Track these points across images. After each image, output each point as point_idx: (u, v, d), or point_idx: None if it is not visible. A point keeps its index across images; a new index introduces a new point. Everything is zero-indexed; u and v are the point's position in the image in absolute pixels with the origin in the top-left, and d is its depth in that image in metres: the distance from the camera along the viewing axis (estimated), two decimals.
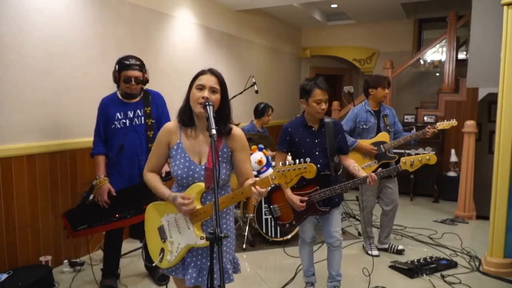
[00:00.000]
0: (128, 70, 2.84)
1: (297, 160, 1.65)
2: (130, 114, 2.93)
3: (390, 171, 2.63)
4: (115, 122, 2.91)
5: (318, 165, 2.64)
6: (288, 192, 2.64)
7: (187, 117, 1.83)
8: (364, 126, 3.64)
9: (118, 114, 2.92)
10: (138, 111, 2.94)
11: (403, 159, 2.51)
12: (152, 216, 1.97)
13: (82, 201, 2.97)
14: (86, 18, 3.61)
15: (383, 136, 3.60)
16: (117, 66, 2.87)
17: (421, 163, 2.48)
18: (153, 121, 2.97)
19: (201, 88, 1.76)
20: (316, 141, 2.69)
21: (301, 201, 2.61)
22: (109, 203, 2.87)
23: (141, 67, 2.90)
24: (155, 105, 3.00)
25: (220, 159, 1.81)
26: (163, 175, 2.95)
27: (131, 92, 2.91)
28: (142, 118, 2.95)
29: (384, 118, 3.65)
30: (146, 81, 2.97)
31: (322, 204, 2.66)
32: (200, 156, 1.83)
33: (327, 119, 2.73)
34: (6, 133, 3.04)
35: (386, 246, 3.84)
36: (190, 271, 1.83)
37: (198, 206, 1.77)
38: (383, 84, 3.61)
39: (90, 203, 2.94)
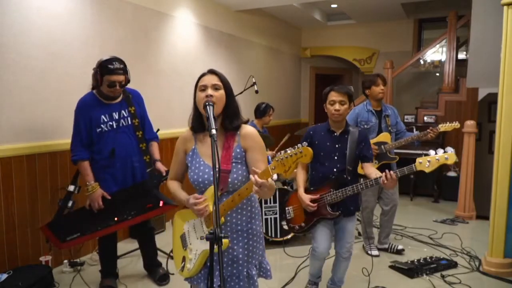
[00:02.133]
0: (112, 75, 2.71)
1: (296, 147, 1.62)
2: (116, 116, 2.85)
3: (404, 172, 2.40)
4: (101, 125, 2.80)
5: (335, 169, 2.63)
6: (300, 190, 2.65)
7: (197, 123, 1.83)
8: (365, 126, 3.64)
9: (103, 116, 2.80)
10: (123, 111, 2.87)
11: (419, 159, 2.28)
12: (177, 225, 1.97)
13: (61, 209, 2.89)
14: (86, 18, 3.61)
15: (384, 137, 3.60)
16: (99, 70, 2.72)
17: (438, 163, 2.23)
18: (139, 120, 2.92)
19: (204, 89, 1.75)
20: (337, 146, 2.67)
21: (313, 201, 2.59)
22: (103, 208, 2.80)
23: (124, 70, 2.79)
24: (137, 104, 2.95)
25: (233, 160, 1.79)
26: (164, 174, 2.94)
27: (113, 96, 2.83)
28: (128, 118, 2.88)
29: (386, 118, 3.65)
30: (128, 82, 2.87)
31: (332, 207, 2.61)
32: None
33: (352, 129, 2.71)
34: (6, 133, 3.04)
35: (386, 246, 3.85)
36: (215, 279, 1.78)
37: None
38: (375, 81, 3.62)
39: (77, 210, 2.88)
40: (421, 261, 3.45)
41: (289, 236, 3.96)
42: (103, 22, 3.78)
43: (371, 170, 2.66)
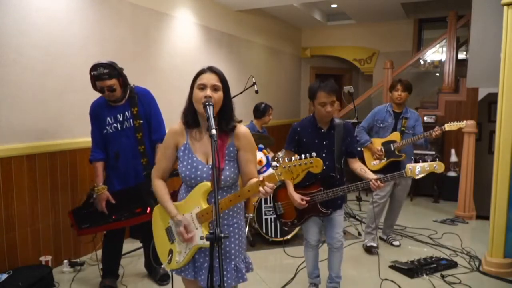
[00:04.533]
0: (98, 80, 2.73)
1: (303, 155, 1.63)
2: (120, 118, 2.86)
3: (395, 177, 2.60)
4: (107, 127, 2.86)
5: (323, 167, 2.62)
6: (291, 189, 2.63)
7: (191, 118, 1.82)
8: (381, 125, 3.84)
9: (108, 118, 2.86)
10: (127, 113, 2.87)
11: (409, 166, 2.46)
12: (160, 217, 1.96)
13: (87, 198, 2.97)
14: (86, 18, 3.61)
15: (394, 136, 3.77)
16: (91, 75, 2.76)
17: (427, 171, 2.41)
18: (141, 121, 2.89)
19: (203, 87, 1.73)
20: (324, 142, 2.67)
21: (303, 200, 2.60)
22: (106, 212, 2.85)
23: (111, 74, 2.73)
24: (142, 104, 2.91)
25: (226, 158, 1.80)
26: None
27: (109, 99, 2.82)
28: (131, 120, 2.88)
29: (403, 119, 3.79)
30: (124, 84, 2.82)
31: (324, 205, 2.65)
32: (208, 156, 1.82)
33: (337, 121, 2.71)
34: (6, 133, 3.04)
35: (384, 237, 4.08)
36: (204, 271, 1.83)
37: (205, 205, 1.77)
38: (395, 86, 3.80)
39: (92, 202, 2.93)
40: (421, 261, 3.45)
41: (289, 236, 3.96)
42: (103, 22, 3.78)
43: (356, 165, 2.72)
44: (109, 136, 2.88)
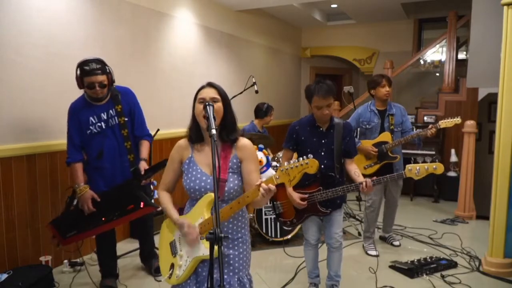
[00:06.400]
0: (90, 76, 2.70)
1: (301, 158, 1.64)
2: (104, 116, 2.84)
3: (394, 178, 2.58)
4: (90, 127, 2.82)
5: (322, 166, 2.62)
6: (290, 189, 2.64)
7: (194, 133, 1.87)
8: (367, 126, 3.67)
9: (91, 118, 2.82)
10: (111, 111, 2.86)
11: (408, 166, 2.45)
12: (166, 232, 1.99)
13: (67, 207, 2.91)
14: (86, 18, 3.61)
15: (385, 136, 3.61)
16: (78, 72, 2.73)
17: (427, 172, 2.40)
18: (126, 119, 2.90)
19: (202, 101, 1.79)
20: (323, 141, 2.67)
21: (302, 200, 2.60)
22: (94, 209, 2.80)
23: (103, 70, 2.75)
24: (125, 102, 2.92)
25: (230, 170, 1.82)
26: (142, 172, 2.87)
27: (97, 97, 2.80)
28: (115, 118, 2.87)
29: (390, 117, 3.65)
30: (112, 81, 2.83)
31: (323, 205, 2.65)
32: (211, 167, 1.82)
33: (337, 120, 2.71)
34: (6, 133, 3.04)
35: (386, 235, 4.03)
36: (206, 284, 1.82)
37: (207, 216, 1.78)
38: (380, 82, 3.62)
39: (75, 208, 2.87)
40: (421, 261, 3.45)
41: (289, 236, 3.96)
42: (103, 22, 3.78)
43: (351, 167, 2.71)
44: (94, 136, 2.84)
